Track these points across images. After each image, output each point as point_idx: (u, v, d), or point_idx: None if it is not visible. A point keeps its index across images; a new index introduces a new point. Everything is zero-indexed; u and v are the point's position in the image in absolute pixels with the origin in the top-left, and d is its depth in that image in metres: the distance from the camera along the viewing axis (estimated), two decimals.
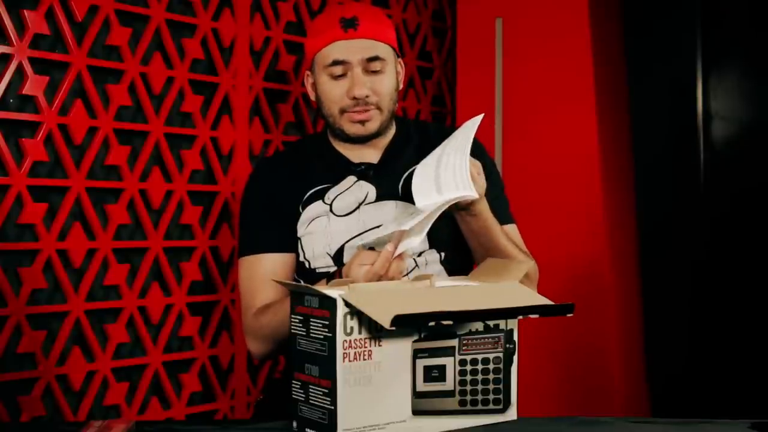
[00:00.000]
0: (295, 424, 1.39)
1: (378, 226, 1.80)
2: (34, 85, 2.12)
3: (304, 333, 1.36)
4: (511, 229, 1.92)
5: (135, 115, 2.36)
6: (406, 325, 1.30)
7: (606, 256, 2.92)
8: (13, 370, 2.09)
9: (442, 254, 1.85)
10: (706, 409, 2.99)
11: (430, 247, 1.83)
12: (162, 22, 2.38)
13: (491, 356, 1.43)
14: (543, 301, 1.44)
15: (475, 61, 3.15)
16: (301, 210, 1.85)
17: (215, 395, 2.52)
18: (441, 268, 1.84)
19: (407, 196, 1.82)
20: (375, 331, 1.33)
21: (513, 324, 1.45)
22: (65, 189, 2.20)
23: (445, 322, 1.34)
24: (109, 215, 2.28)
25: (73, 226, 2.21)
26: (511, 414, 1.46)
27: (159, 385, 2.40)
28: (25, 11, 2.11)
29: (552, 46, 3.01)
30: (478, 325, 1.42)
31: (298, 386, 1.38)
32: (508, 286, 1.49)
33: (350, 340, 1.31)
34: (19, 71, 2.11)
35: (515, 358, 1.46)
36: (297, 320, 1.38)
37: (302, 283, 1.79)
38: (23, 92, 2.11)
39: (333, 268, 1.79)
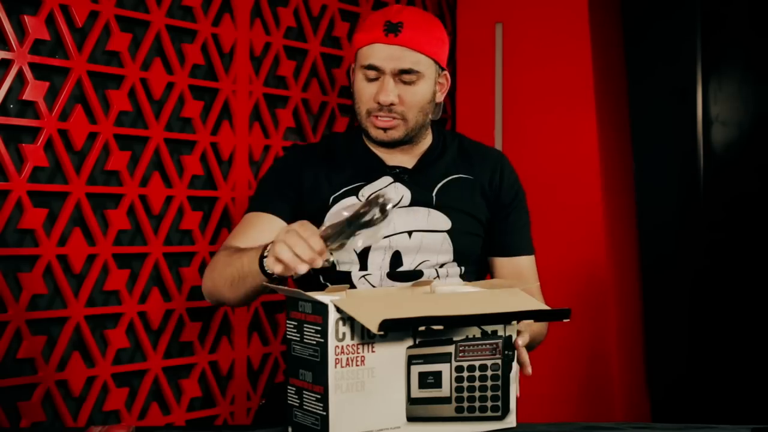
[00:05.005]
0: (290, 429, 1.39)
1: (406, 232, 1.81)
2: (34, 91, 2.12)
3: (298, 338, 1.37)
4: (528, 261, 1.92)
5: (135, 120, 2.36)
6: (394, 329, 1.30)
7: (606, 262, 2.93)
8: (13, 376, 2.09)
9: (463, 268, 1.85)
10: (707, 415, 2.99)
11: (453, 260, 1.84)
12: (162, 28, 2.39)
13: (489, 363, 1.42)
14: (539, 306, 1.43)
15: (475, 66, 3.15)
16: (331, 203, 1.84)
17: (215, 401, 2.52)
18: (460, 281, 1.84)
19: (440, 205, 1.83)
20: (368, 337, 1.32)
21: (511, 330, 1.44)
22: (65, 194, 2.20)
23: (435, 327, 1.33)
24: (110, 220, 2.28)
25: (73, 231, 2.21)
26: (511, 421, 1.45)
27: (159, 390, 2.40)
28: (25, 17, 2.11)
29: (552, 52, 3.01)
30: (476, 332, 1.41)
31: (293, 392, 1.38)
32: (508, 292, 1.48)
33: (342, 346, 1.31)
34: (20, 77, 2.11)
35: (515, 364, 1.45)
36: (292, 325, 1.38)
37: (321, 278, 1.79)
38: (23, 98, 2.11)
39: (356, 266, 1.79)
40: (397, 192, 1.85)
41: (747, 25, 3.13)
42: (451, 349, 1.39)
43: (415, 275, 1.80)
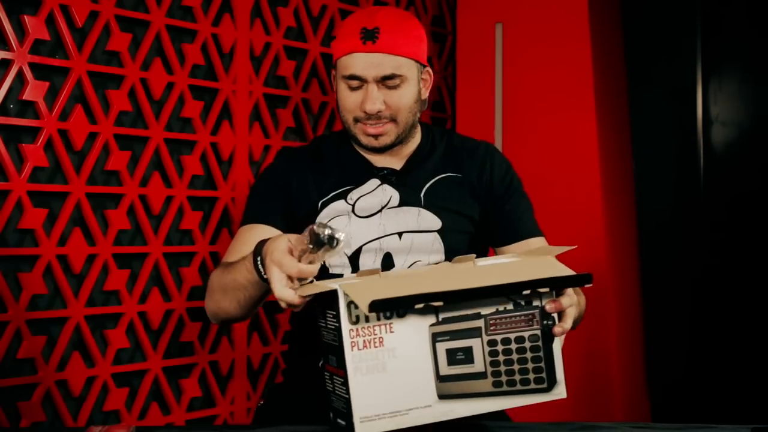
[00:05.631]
0: (331, 415, 1.40)
1: (397, 233, 1.81)
2: (34, 91, 2.12)
3: (324, 324, 1.38)
4: (542, 242, 1.92)
5: (135, 120, 2.36)
6: (384, 309, 1.29)
7: (606, 261, 2.92)
8: (13, 376, 2.09)
9: None
10: (707, 414, 2.99)
11: (445, 259, 1.84)
12: (162, 28, 2.39)
13: (526, 334, 1.38)
14: (560, 272, 1.38)
15: (475, 67, 3.15)
16: (320, 207, 1.85)
17: (215, 401, 2.52)
18: None
19: (429, 205, 1.83)
20: (384, 318, 1.32)
21: (549, 299, 1.40)
22: (65, 194, 2.20)
23: (435, 303, 1.32)
24: (110, 221, 2.28)
25: (73, 231, 2.21)
26: (560, 392, 1.42)
27: (159, 390, 2.40)
28: (25, 17, 2.11)
29: (552, 52, 3.01)
30: (507, 304, 1.37)
31: (327, 377, 1.39)
32: (541, 261, 1.43)
33: (357, 329, 1.31)
34: (20, 77, 2.11)
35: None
36: (320, 312, 1.39)
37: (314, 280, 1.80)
38: (23, 98, 2.11)
39: (348, 269, 1.80)
40: (385, 193, 1.85)
41: (747, 25, 3.13)
42: (480, 323, 1.36)
43: None
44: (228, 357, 2.54)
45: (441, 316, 1.35)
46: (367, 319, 1.31)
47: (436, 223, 1.83)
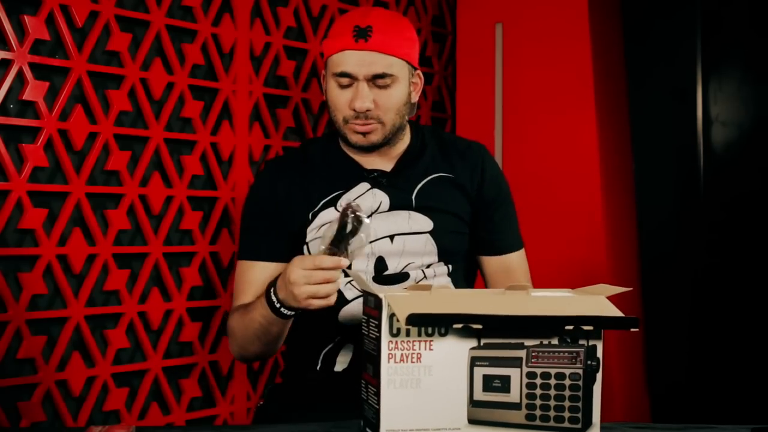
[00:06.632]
0: (362, 423, 1.41)
1: (388, 236, 1.81)
2: (34, 91, 2.12)
3: (366, 333, 1.38)
4: (518, 256, 1.93)
5: (135, 120, 2.36)
6: (423, 324, 1.30)
7: (606, 261, 2.92)
8: (13, 376, 2.09)
9: (450, 267, 1.85)
10: (707, 415, 2.99)
11: (439, 260, 1.83)
12: (162, 28, 2.38)
13: (568, 372, 1.38)
14: (608, 313, 1.37)
15: (475, 67, 3.15)
16: (311, 218, 1.84)
17: (215, 401, 2.52)
18: (448, 279, 1.84)
19: (420, 207, 1.83)
20: (425, 335, 1.32)
21: (596, 340, 1.40)
22: (65, 194, 2.20)
23: (474, 326, 1.31)
24: (110, 221, 2.28)
25: (73, 231, 2.21)
26: None
27: (159, 390, 2.40)
28: (25, 17, 2.11)
29: (552, 52, 3.01)
30: (553, 338, 1.37)
31: (363, 386, 1.39)
32: (592, 301, 1.42)
33: (396, 341, 1.31)
34: (20, 77, 2.11)
35: (599, 376, 1.41)
36: (364, 320, 1.39)
37: None
38: (23, 98, 2.11)
39: (341, 273, 1.79)
40: (375, 198, 1.84)
41: (747, 25, 3.13)
42: (521, 354, 1.36)
43: (401, 278, 1.80)
44: (228, 357, 2.54)
45: (483, 341, 1.34)
46: (407, 333, 1.31)
47: (427, 224, 1.82)
